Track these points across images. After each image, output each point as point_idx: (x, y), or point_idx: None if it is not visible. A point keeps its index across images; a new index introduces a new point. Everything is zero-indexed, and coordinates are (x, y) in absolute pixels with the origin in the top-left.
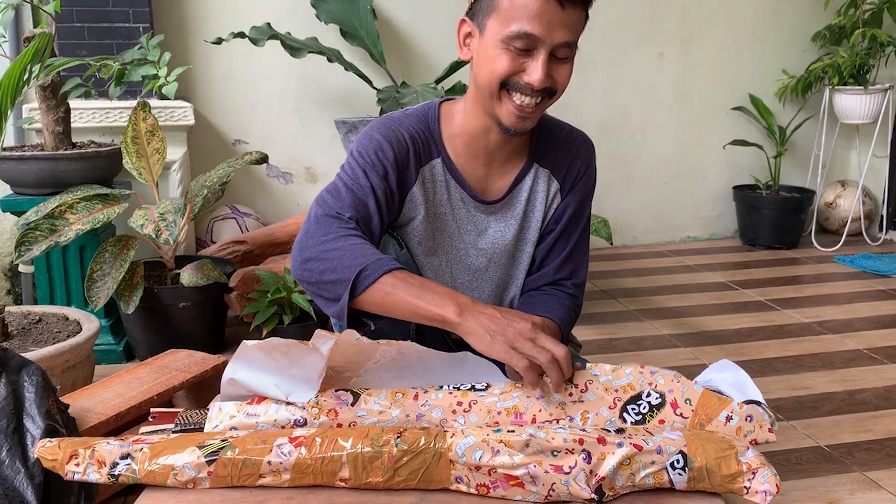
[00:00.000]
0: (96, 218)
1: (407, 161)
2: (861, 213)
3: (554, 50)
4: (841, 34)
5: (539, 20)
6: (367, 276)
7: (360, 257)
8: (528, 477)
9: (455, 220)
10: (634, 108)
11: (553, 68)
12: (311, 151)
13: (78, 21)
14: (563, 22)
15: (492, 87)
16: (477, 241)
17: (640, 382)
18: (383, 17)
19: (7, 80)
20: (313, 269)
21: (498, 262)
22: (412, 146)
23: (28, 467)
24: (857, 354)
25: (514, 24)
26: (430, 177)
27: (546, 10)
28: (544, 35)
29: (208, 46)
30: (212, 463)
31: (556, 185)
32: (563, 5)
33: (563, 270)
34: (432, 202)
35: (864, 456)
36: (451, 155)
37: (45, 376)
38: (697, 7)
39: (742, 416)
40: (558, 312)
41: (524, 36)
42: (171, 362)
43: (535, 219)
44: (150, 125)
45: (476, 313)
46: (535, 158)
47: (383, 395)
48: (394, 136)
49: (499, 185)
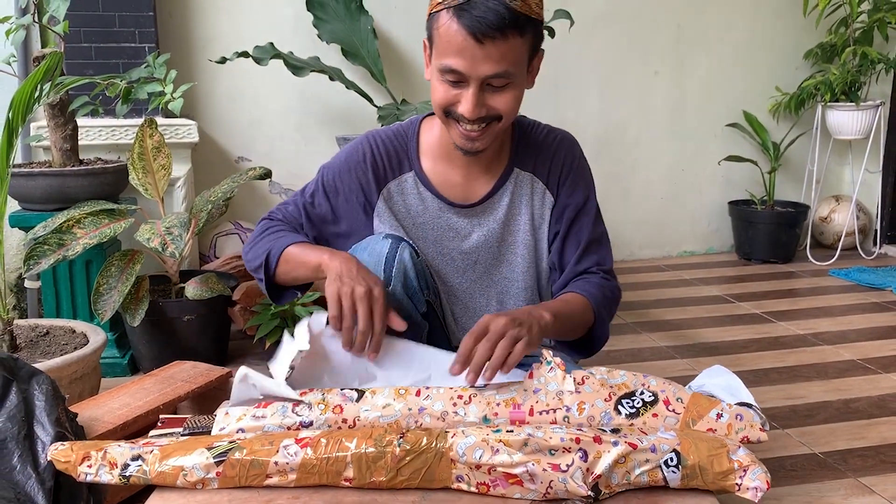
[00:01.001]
0: (103, 232)
1: (366, 182)
2: (855, 227)
3: (486, 80)
4: (832, 52)
5: (461, 56)
6: (275, 252)
7: (273, 241)
8: (526, 475)
9: (435, 228)
10: (630, 125)
11: (489, 97)
12: (313, 168)
13: (85, 41)
14: (486, 56)
15: (438, 114)
16: (461, 245)
17: (634, 383)
18: (383, 36)
19: (19, 98)
20: (248, 261)
21: (484, 262)
22: (372, 167)
23: (39, 472)
24: (851, 365)
25: (444, 59)
26: (400, 190)
27: (466, 47)
28: (469, 70)
29: (212, 66)
30: (220, 464)
31: (541, 185)
32: (481, 42)
33: (586, 262)
34: (409, 214)
35: (858, 462)
36: (427, 166)
37: (54, 385)
38: (692, 25)
39: (732, 415)
40: (586, 288)
41: (450, 71)
42: (177, 373)
43: (521, 221)
44: (157, 142)
45: (343, 260)
46: (516, 163)
47: (387, 392)
48: (353, 159)
49: (480, 190)
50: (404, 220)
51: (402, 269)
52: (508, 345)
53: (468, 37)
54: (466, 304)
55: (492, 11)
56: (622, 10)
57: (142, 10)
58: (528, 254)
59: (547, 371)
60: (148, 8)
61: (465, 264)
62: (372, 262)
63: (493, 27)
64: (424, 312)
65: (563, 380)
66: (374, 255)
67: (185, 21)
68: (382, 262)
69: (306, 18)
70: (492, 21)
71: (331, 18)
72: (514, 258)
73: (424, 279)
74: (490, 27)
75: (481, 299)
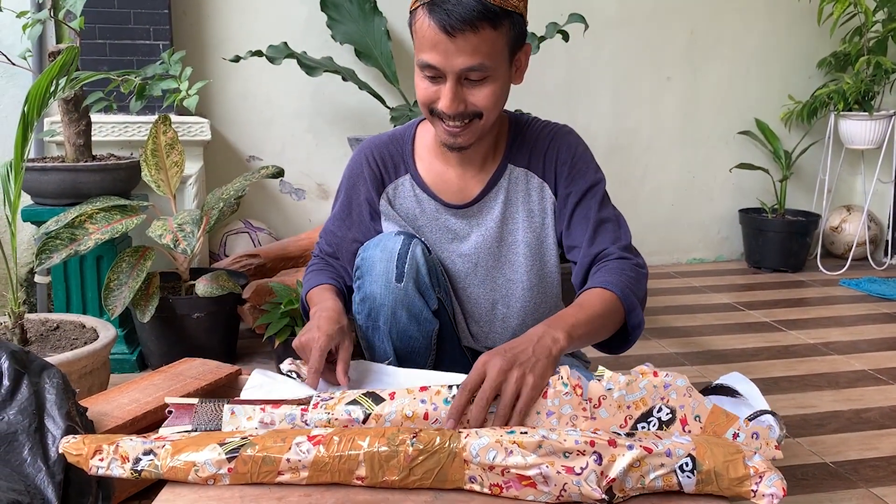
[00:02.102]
0: (115, 228)
1: (368, 190)
2: (866, 237)
3: (464, 74)
4: (846, 61)
5: (435, 51)
6: (303, 294)
7: (307, 284)
8: (540, 477)
9: (433, 230)
10: (641, 131)
11: (468, 92)
12: (324, 168)
13: (100, 38)
14: (459, 49)
15: (424, 112)
16: (459, 247)
17: (653, 397)
18: (397, 38)
19: (35, 92)
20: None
21: (485, 264)
22: (371, 176)
23: (49, 466)
24: (862, 375)
25: (421, 54)
26: (397, 194)
27: (439, 41)
28: (443, 64)
29: (225, 64)
30: (232, 460)
31: (537, 180)
32: (452, 35)
33: (600, 242)
34: (407, 217)
35: (869, 473)
36: (422, 168)
37: (65, 379)
38: (705, 32)
39: (748, 434)
40: (606, 278)
41: (427, 66)
42: (186, 370)
43: (520, 219)
44: (170, 138)
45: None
46: (510, 159)
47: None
48: (354, 172)
49: (473, 189)
50: (408, 220)
51: (415, 265)
52: (510, 400)
53: (439, 31)
54: (471, 308)
55: (461, 5)
56: (635, 15)
57: (157, 7)
58: (529, 252)
59: (563, 392)
60: (163, 6)
61: (466, 267)
62: (384, 259)
63: (462, 20)
64: (436, 310)
65: (578, 404)
66: (385, 251)
67: (200, 19)
68: (395, 259)
69: (320, 19)
70: (461, 14)
71: (345, 19)
72: (514, 258)
73: (436, 276)
74: (459, 20)
75: (485, 302)
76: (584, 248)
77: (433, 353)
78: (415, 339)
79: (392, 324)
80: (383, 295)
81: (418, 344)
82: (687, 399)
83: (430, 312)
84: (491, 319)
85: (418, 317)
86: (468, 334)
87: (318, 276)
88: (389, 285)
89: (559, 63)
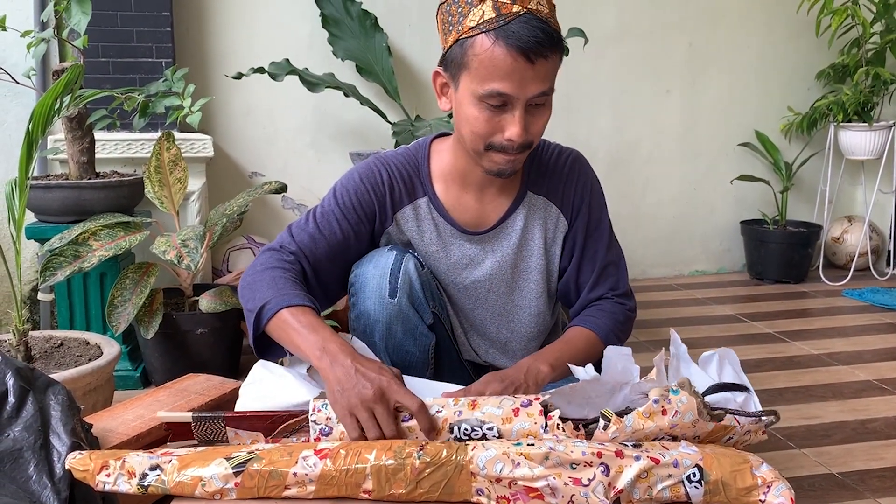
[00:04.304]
0: (119, 245)
1: (382, 204)
2: (868, 247)
3: (531, 101)
4: (845, 72)
5: (510, 79)
6: (268, 311)
7: (272, 290)
8: (547, 489)
9: (447, 255)
10: (642, 144)
11: (530, 120)
12: (326, 184)
13: (103, 56)
14: (535, 76)
15: (476, 146)
16: (473, 273)
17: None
18: (398, 54)
19: (40, 110)
20: (242, 297)
21: (497, 290)
22: (389, 190)
23: (54, 482)
24: (867, 385)
25: (487, 84)
26: (414, 216)
27: (517, 69)
28: (517, 92)
29: (227, 81)
30: (239, 474)
31: (555, 209)
32: (532, 61)
33: (599, 288)
34: (422, 241)
35: (876, 483)
36: (440, 191)
37: (70, 396)
38: (704, 44)
39: (742, 433)
40: (595, 321)
41: (497, 95)
42: (190, 386)
43: (535, 245)
44: (174, 155)
45: (334, 364)
46: (529, 186)
47: None
48: (371, 180)
49: (492, 215)
50: (417, 246)
51: (408, 280)
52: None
53: (519, 58)
54: (477, 328)
55: (538, 30)
56: (634, 28)
57: (160, 25)
58: (541, 279)
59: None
60: (166, 24)
61: (479, 293)
62: (377, 275)
63: (540, 45)
64: (431, 324)
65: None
66: (378, 267)
67: (202, 37)
68: (388, 275)
69: (322, 35)
70: (538, 39)
71: (346, 36)
72: (526, 284)
73: (430, 291)
74: (538, 45)
75: (492, 326)
76: (585, 291)
77: (431, 366)
78: (411, 354)
79: (388, 339)
80: (377, 311)
81: (415, 358)
82: (690, 429)
83: (426, 327)
84: (495, 341)
85: (414, 331)
86: (469, 348)
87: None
88: (383, 301)
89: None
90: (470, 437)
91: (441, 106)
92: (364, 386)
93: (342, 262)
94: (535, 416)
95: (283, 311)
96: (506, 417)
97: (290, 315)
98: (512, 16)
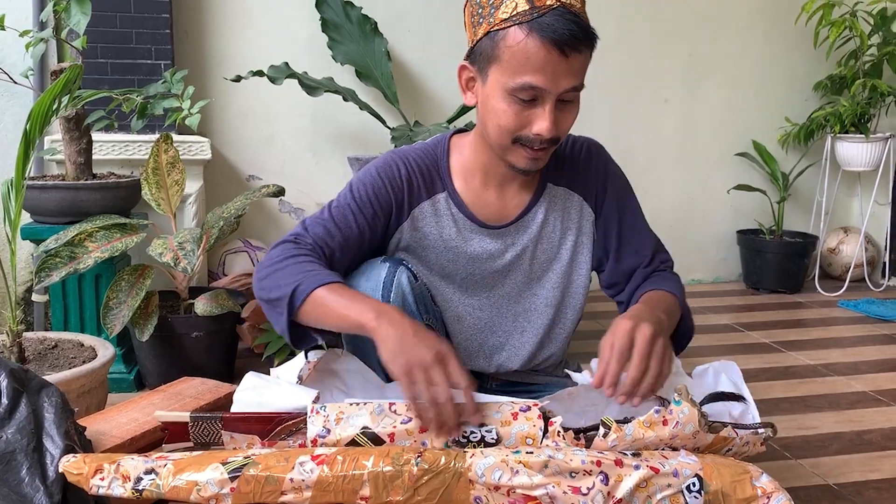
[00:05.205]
0: (115, 246)
1: (400, 200)
2: (864, 259)
3: (562, 96)
4: (842, 84)
5: (543, 72)
6: (303, 290)
7: (300, 274)
8: (546, 498)
9: (467, 251)
10: (639, 153)
11: (559, 116)
12: (324, 188)
13: (102, 57)
14: (567, 70)
15: (502, 140)
16: (492, 266)
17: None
18: (397, 59)
19: (38, 110)
20: (263, 289)
21: (515, 280)
22: (408, 185)
23: (47, 485)
24: (863, 396)
25: (518, 77)
26: (433, 211)
27: (550, 62)
28: (549, 86)
29: (226, 84)
30: (235, 479)
31: (577, 197)
32: (566, 54)
33: (656, 261)
34: (440, 237)
35: (873, 494)
36: (460, 186)
37: (63, 398)
38: (702, 54)
39: (740, 444)
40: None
41: (529, 88)
42: (185, 389)
43: (555, 236)
44: (172, 157)
45: (391, 323)
46: (548, 178)
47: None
48: (388, 174)
49: (513, 209)
50: (435, 241)
51: (401, 293)
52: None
53: (553, 50)
54: (489, 319)
55: (572, 23)
56: (632, 37)
57: (159, 27)
58: (560, 268)
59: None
60: (165, 26)
61: (495, 281)
62: (369, 288)
63: (575, 39)
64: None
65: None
66: (371, 279)
67: (201, 39)
68: (380, 287)
69: (321, 39)
70: (574, 33)
71: (345, 40)
72: (544, 274)
73: (423, 303)
74: (573, 39)
75: (500, 317)
76: (641, 268)
77: None
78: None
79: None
80: None
81: None
82: (690, 440)
83: None
84: (510, 331)
85: None
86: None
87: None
88: None
89: None
90: (468, 440)
91: (466, 101)
92: (425, 348)
93: (355, 257)
94: (534, 420)
95: (319, 290)
96: (504, 421)
97: (328, 291)
98: (546, 8)
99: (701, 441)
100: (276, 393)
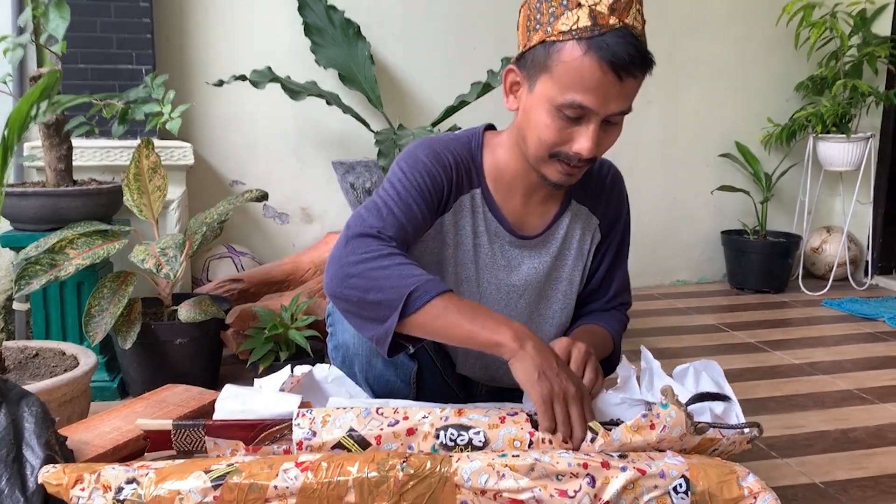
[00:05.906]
0: (96, 253)
1: (450, 189)
2: (847, 258)
3: (608, 117)
4: (823, 84)
5: (595, 93)
6: (419, 297)
7: (410, 277)
8: (533, 501)
9: (489, 252)
10: (623, 155)
11: (601, 136)
12: (308, 192)
13: (82, 62)
14: (619, 94)
15: (539, 153)
16: (509, 277)
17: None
18: (381, 63)
19: (16, 116)
20: (356, 287)
21: (528, 298)
22: (455, 174)
23: (27, 497)
24: (848, 394)
25: (569, 94)
26: (469, 206)
27: (604, 83)
28: (598, 107)
29: (208, 88)
30: (218, 487)
31: (595, 220)
32: (621, 78)
33: (616, 300)
34: (465, 232)
35: (858, 493)
36: (490, 186)
37: (44, 408)
38: (683, 56)
39: (727, 443)
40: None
41: (577, 107)
42: (169, 397)
43: (570, 256)
44: (153, 162)
45: (536, 349)
46: (574, 196)
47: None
48: (440, 162)
49: (536, 221)
50: (464, 238)
51: None
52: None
53: (609, 72)
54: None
55: (632, 47)
56: None
57: (139, 32)
58: (569, 290)
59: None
60: (146, 30)
61: (509, 298)
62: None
63: (635, 64)
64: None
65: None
66: None
67: (183, 44)
68: None
69: (304, 43)
70: (635, 57)
71: (328, 44)
72: (555, 294)
73: None
74: (633, 64)
75: None
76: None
77: (413, 392)
78: (392, 383)
79: (368, 371)
80: (356, 345)
81: (396, 387)
82: (678, 443)
83: (407, 357)
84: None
85: (394, 362)
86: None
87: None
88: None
89: None
90: (456, 443)
91: (507, 105)
92: (569, 381)
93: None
94: (521, 423)
95: (437, 300)
96: (492, 424)
97: (448, 301)
98: (608, 28)
99: (688, 443)
100: (260, 400)
